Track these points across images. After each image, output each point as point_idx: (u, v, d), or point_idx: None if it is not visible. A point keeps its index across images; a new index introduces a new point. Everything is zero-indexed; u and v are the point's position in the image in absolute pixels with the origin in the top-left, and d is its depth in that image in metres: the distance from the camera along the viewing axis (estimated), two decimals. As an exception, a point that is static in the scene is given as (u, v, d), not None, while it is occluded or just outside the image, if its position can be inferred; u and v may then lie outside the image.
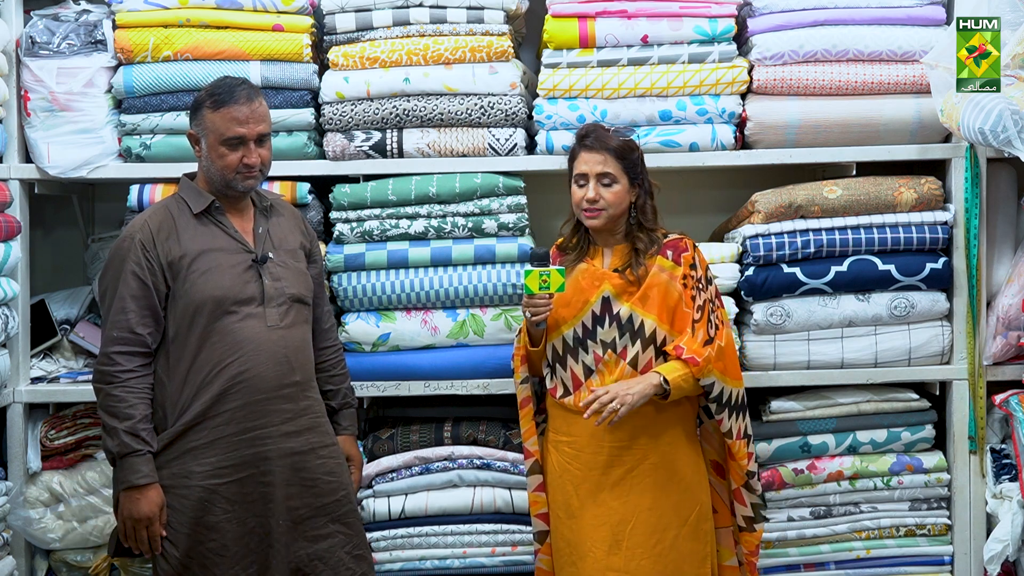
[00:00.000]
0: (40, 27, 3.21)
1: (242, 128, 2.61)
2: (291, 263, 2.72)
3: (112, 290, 2.60)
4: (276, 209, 2.80)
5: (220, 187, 2.67)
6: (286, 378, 2.63)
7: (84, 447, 3.28)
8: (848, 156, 3.25)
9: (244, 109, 2.62)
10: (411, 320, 3.21)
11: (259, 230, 2.71)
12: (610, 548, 2.68)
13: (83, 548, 3.29)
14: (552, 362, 2.81)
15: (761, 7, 3.23)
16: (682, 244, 2.75)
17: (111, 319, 2.58)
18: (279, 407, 2.62)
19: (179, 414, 2.58)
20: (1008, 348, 3.16)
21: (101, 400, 2.59)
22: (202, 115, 2.64)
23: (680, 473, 2.73)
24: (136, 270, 2.58)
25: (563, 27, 3.23)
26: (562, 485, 2.77)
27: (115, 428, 2.54)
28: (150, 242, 2.61)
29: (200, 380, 2.57)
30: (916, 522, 3.25)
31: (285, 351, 2.63)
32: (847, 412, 3.24)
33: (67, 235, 3.77)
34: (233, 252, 2.64)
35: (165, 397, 2.60)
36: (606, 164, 2.70)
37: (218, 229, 2.65)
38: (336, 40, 3.27)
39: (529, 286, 2.66)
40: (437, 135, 3.24)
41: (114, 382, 2.56)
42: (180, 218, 2.64)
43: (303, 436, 2.66)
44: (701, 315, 2.70)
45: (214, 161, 2.63)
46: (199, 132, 2.66)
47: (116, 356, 2.56)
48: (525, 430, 2.88)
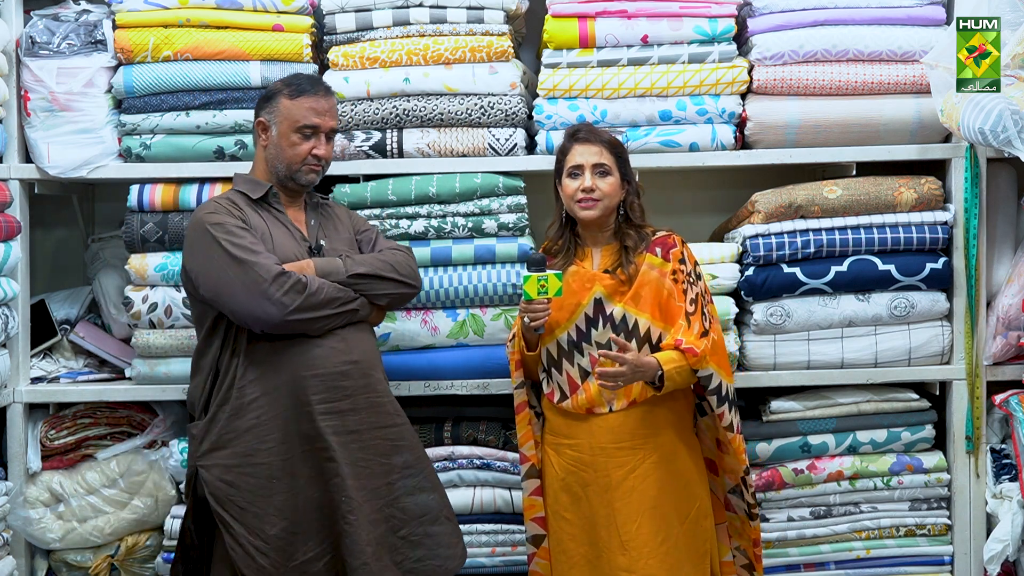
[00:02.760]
0: (40, 27, 3.21)
1: (318, 119, 2.69)
2: (344, 250, 2.75)
3: (216, 250, 2.53)
4: (326, 207, 2.85)
5: (283, 177, 2.70)
6: (344, 356, 2.61)
7: (84, 447, 3.28)
8: (848, 156, 3.25)
9: (323, 102, 2.71)
10: (411, 320, 3.21)
11: (311, 222, 2.76)
12: (618, 549, 2.68)
13: (83, 548, 3.30)
14: (547, 366, 2.81)
15: (761, 7, 3.23)
16: (670, 240, 2.76)
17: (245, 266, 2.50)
18: (339, 384, 2.60)
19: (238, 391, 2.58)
20: (1008, 348, 3.16)
21: (314, 301, 2.54)
22: (277, 102, 2.70)
23: (680, 471, 2.74)
24: (235, 222, 2.57)
25: (563, 27, 3.23)
26: (564, 487, 2.77)
27: (350, 297, 2.61)
28: (234, 207, 2.62)
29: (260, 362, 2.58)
30: (916, 522, 3.25)
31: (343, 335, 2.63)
32: (847, 412, 3.24)
33: (67, 235, 3.77)
34: (290, 240, 2.67)
35: (227, 374, 2.60)
36: (601, 155, 2.72)
37: (275, 219, 2.68)
38: (336, 40, 3.27)
39: (528, 292, 2.66)
40: (437, 135, 3.24)
41: (309, 284, 2.53)
42: (243, 205, 2.66)
43: (359, 415, 2.63)
44: (695, 307, 2.70)
45: (284, 149, 2.68)
46: (269, 120, 2.70)
47: (287, 275, 2.51)
48: (522, 434, 2.87)
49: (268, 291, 2.50)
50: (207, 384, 2.64)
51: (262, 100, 2.76)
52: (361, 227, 2.89)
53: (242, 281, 2.51)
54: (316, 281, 2.57)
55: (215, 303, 2.58)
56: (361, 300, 2.67)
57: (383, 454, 2.65)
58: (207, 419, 2.62)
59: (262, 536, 2.55)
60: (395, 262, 2.75)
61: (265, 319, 2.52)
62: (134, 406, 3.35)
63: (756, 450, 3.22)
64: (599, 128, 2.82)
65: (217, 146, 3.22)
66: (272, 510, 2.57)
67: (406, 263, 2.79)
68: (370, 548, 2.56)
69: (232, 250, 2.53)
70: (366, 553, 2.55)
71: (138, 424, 3.33)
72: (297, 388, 2.58)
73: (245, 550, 2.55)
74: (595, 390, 2.72)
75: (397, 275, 2.74)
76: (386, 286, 2.72)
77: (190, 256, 2.62)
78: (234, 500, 2.57)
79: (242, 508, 2.57)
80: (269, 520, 2.56)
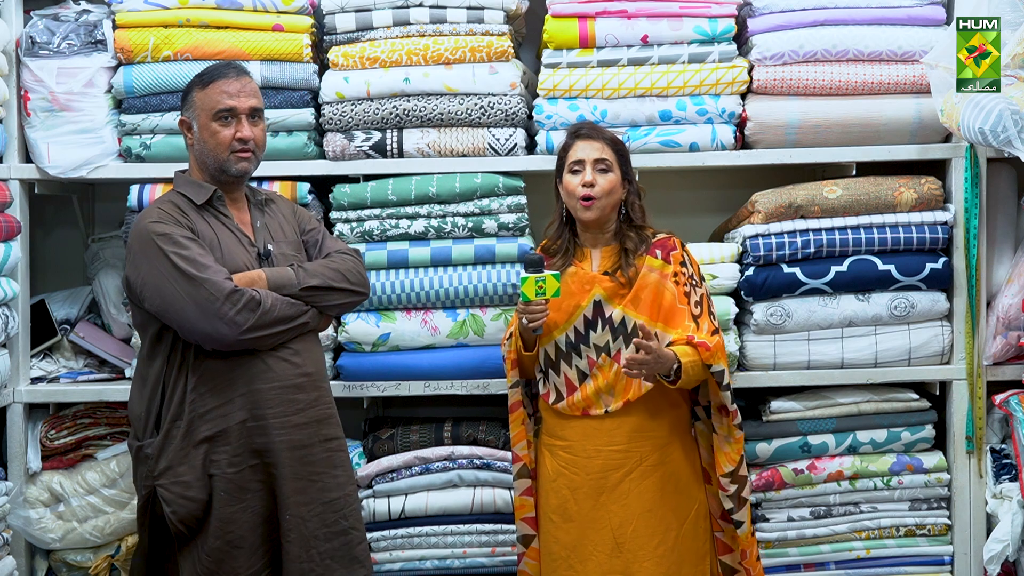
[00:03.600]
0: (40, 27, 3.21)
1: (232, 100, 2.58)
2: (291, 254, 2.68)
3: (164, 264, 2.44)
4: (271, 203, 2.76)
5: (214, 171, 2.60)
6: (299, 369, 2.58)
7: (84, 447, 3.28)
8: (848, 156, 3.25)
9: (235, 83, 2.60)
10: (411, 320, 3.21)
11: (256, 224, 2.67)
12: (612, 552, 2.67)
13: (83, 548, 3.30)
14: (544, 367, 2.80)
15: (761, 7, 3.23)
16: (670, 243, 2.75)
17: (193, 281, 2.41)
18: (293, 397, 2.56)
19: (190, 404, 2.52)
20: (1008, 348, 3.16)
21: (267, 319, 2.48)
22: (192, 97, 2.62)
23: (677, 473, 2.73)
24: (183, 232, 2.49)
25: (563, 27, 3.23)
26: (557, 489, 2.76)
27: (302, 311, 2.56)
28: (180, 215, 2.53)
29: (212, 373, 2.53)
30: (916, 522, 3.25)
31: (295, 347, 2.59)
32: (847, 412, 3.24)
33: (67, 235, 3.76)
34: (238, 246, 2.59)
35: (176, 387, 2.54)
36: (603, 151, 2.72)
37: (221, 223, 2.60)
38: (336, 40, 3.27)
39: (525, 293, 2.65)
40: (437, 135, 3.24)
41: (263, 302, 2.47)
42: (188, 211, 2.57)
43: (311, 428, 2.59)
44: (701, 309, 2.70)
45: (206, 141, 2.58)
46: (190, 116, 2.62)
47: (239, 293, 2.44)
48: (515, 434, 2.86)
49: (221, 310, 2.41)
50: (155, 398, 2.55)
51: (182, 99, 2.66)
52: (307, 225, 2.80)
53: (193, 299, 2.42)
54: (269, 297, 2.50)
55: (162, 318, 2.49)
56: (312, 312, 2.61)
57: (330, 467, 2.61)
58: (160, 436, 2.53)
59: (205, 550, 2.51)
60: (345, 270, 2.68)
61: (218, 338, 2.45)
62: (134, 406, 3.35)
63: (756, 450, 3.22)
64: (601, 126, 2.82)
65: (217, 146, 3.22)
66: (217, 523, 2.51)
67: (355, 270, 2.71)
68: (305, 565, 2.53)
69: (181, 264, 2.43)
70: (302, 570, 2.52)
71: (138, 424, 3.33)
72: (250, 401, 2.52)
73: (205, 566, 2.51)
74: (592, 392, 2.71)
75: (348, 284, 2.67)
76: (337, 297, 2.66)
77: (134, 268, 2.50)
78: (196, 516, 2.51)
79: (198, 520, 2.52)
80: (215, 533, 2.51)
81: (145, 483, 2.56)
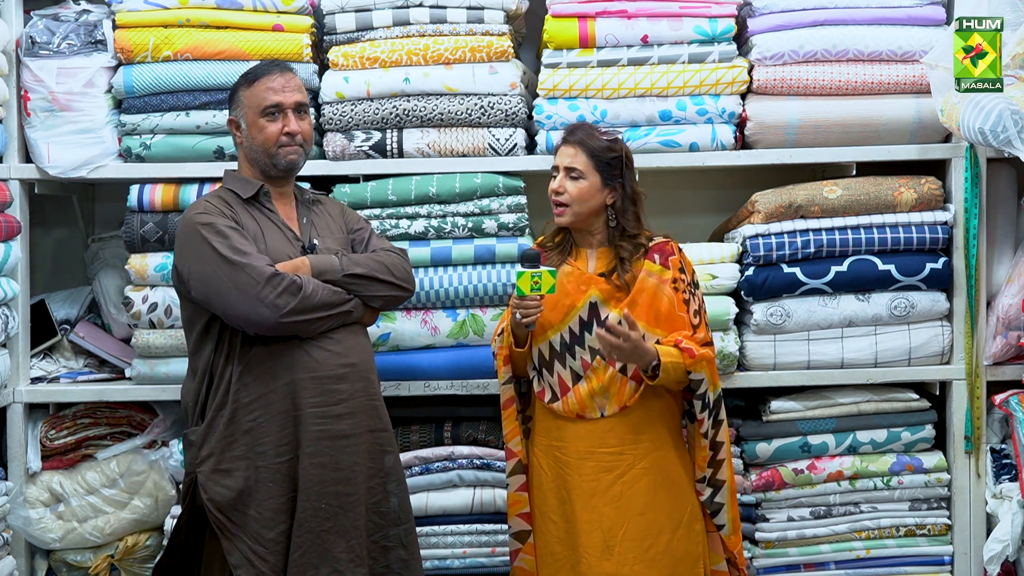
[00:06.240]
0: (40, 27, 3.21)
1: (278, 96, 2.65)
2: (338, 249, 2.72)
3: (207, 251, 2.50)
4: (319, 203, 2.82)
5: (264, 166, 2.67)
6: (342, 359, 2.60)
7: (84, 447, 3.28)
8: (848, 156, 3.25)
9: (280, 79, 2.67)
10: (411, 320, 3.21)
11: (303, 220, 2.72)
12: (602, 553, 2.66)
13: (83, 548, 3.30)
14: (539, 366, 2.79)
15: (761, 7, 3.23)
16: (668, 248, 2.73)
17: (235, 266, 2.47)
18: (334, 387, 2.58)
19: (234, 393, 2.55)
20: (1008, 348, 3.16)
21: (308, 304, 2.51)
22: (239, 96, 2.68)
23: (671, 476, 2.72)
24: (226, 222, 2.54)
25: (563, 27, 3.23)
26: (552, 488, 2.75)
27: (344, 299, 2.59)
28: (226, 207, 2.59)
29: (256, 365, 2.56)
30: (916, 522, 3.25)
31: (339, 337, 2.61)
32: (847, 412, 3.24)
33: (67, 235, 3.77)
34: (282, 239, 2.64)
35: (223, 376, 2.57)
36: (575, 159, 2.69)
37: (267, 218, 2.65)
38: (336, 40, 3.27)
39: (520, 287, 2.64)
40: (437, 135, 3.24)
41: (304, 286, 2.51)
42: (233, 204, 2.63)
43: (354, 419, 2.60)
44: (699, 319, 2.70)
45: (255, 137, 2.65)
46: (238, 115, 2.68)
47: (280, 277, 2.49)
48: (508, 431, 2.85)
49: (261, 293, 2.47)
50: (202, 387, 2.61)
51: (229, 100, 2.74)
52: (355, 225, 2.86)
53: (234, 283, 2.48)
54: (311, 283, 2.55)
55: (207, 305, 2.55)
56: (355, 301, 2.65)
57: (373, 457, 2.64)
58: (205, 424, 2.59)
59: (261, 541, 2.53)
60: (390, 264, 2.73)
61: (259, 322, 2.50)
62: (134, 406, 3.35)
63: (756, 450, 3.22)
64: (595, 130, 2.75)
65: (217, 146, 3.22)
66: (269, 514, 2.55)
67: (401, 265, 2.76)
68: (344, 556, 2.56)
69: (223, 251, 2.49)
70: (340, 561, 2.55)
71: (138, 424, 3.33)
72: (292, 391, 2.56)
73: (244, 555, 2.52)
74: (585, 394, 2.70)
75: (392, 277, 2.72)
76: (381, 288, 2.70)
77: (181, 257, 2.58)
78: (235, 505, 2.55)
79: (242, 513, 2.54)
80: (267, 524, 2.54)
81: (188, 470, 2.62)
